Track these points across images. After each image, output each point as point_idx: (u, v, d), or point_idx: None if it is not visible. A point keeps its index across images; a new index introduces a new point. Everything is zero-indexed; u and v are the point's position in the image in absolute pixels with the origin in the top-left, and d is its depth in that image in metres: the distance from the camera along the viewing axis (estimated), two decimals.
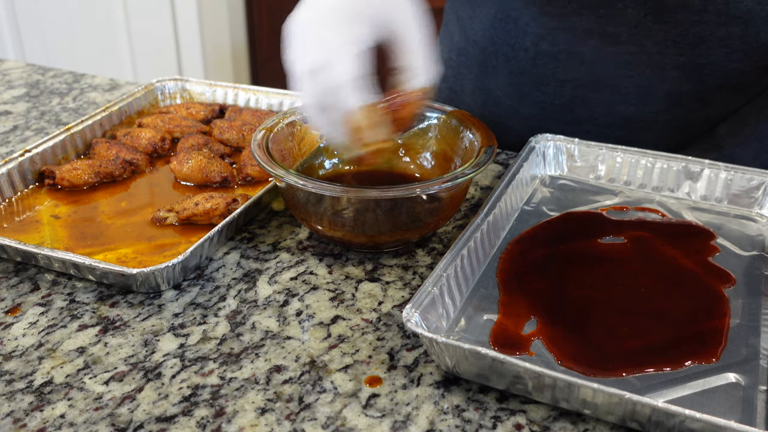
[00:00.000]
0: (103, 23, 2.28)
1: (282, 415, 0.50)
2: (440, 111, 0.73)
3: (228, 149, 0.83)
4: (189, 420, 0.50)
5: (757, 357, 0.54)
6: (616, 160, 0.75)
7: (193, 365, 0.55)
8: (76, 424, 0.50)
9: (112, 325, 0.59)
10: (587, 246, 0.66)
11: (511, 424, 0.50)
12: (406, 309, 0.53)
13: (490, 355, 0.49)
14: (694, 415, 0.45)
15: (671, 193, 0.74)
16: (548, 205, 0.72)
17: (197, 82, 0.95)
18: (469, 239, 0.62)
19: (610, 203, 0.73)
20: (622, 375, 0.52)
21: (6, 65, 1.15)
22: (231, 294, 0.62)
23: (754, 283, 0.61)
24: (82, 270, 0.62)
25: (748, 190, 0.71)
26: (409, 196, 0.61)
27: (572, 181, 0.77)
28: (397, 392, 0.52)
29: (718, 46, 0.74)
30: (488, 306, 0.59)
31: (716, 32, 0.73)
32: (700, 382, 0.52)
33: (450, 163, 0.72)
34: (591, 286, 0.61)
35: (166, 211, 0.70)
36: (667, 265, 0.63)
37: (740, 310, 0.58)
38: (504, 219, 0.68)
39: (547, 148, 0.77)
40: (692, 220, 0.70)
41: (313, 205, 0.64)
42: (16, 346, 0.57)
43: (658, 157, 0.74)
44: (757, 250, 0.66)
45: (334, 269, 0.65)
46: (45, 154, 0.78)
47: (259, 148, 0.66)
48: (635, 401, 0.46)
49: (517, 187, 0.71)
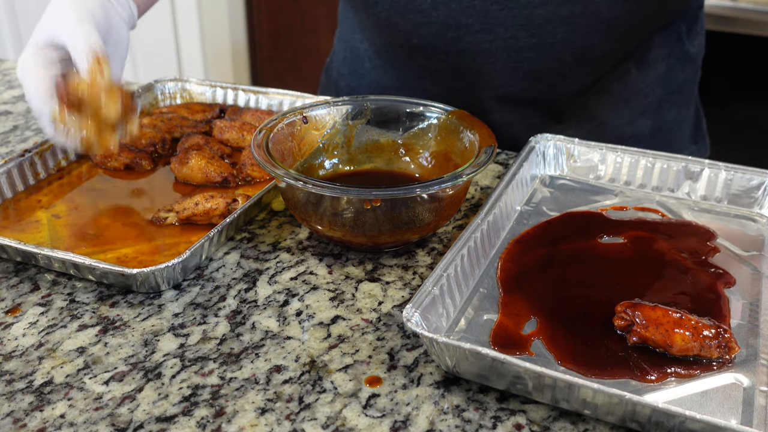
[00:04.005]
0: None
1: (282, 415, 0.50)
2: (440, 111, 0.73)
3: (228, 149, 0.83)
4: (189, 420, 0.50)
5: (757, 357, 0.54)
6: (616, 160, 0.75)
7: (193, 365, 0.55)
8: (76, 424, 0.50)
9: (112, 325, 0.59)
10: (587, 246, 0.66)
11: (511, 424, 0.50)
12: (406, 309, 0.53)
13: (491, 355, 0.49)
14: (695, 415, 0.45)
15: (671, 193, 0.74)
16: (548, 205, 0.72)
17: (197, 82, 0.95)
18: (469, 239, 0.62)
19: (610, 203, 0.73)
20: (622, 375, 0.52)
21: (6, 65, 1.16)
22: (231, 294, 0.62)
23: (754, 283, 0.61)
24: (82, 270, 0.62)
25: (748, 189, 0.71)
26: (409, 196, 0.61)
27: (572, 181, 0.77)
28: (397, 392, 0.52)
29: (563, 25, 0.79)
30: (488, 306, 0.59)
31: (558, 12, 0.78)
32: (700, 382, 0.52)
33: (450, 163, 0.72)
34: (591, 285, 0.61)
35: (166, 211, 0.70)
36: (667, 265, 0.63)
37: (740, 310, 0.58)
38: (504, 219, 0.68)
39: (547, 148, 0.77)
40: (692, 220, 0.70)
41: (313, 205, 0.64)
42: (16, 346, 0.57)
43: (658, 157, 0.74)
44: (756, 250, 0.65)
45: (334, 269, 0.65)
46: (45, 154, 0.78)
47: (259, 148, 0.66)
48: (635, 402, 0.46)
49: (517, 187, 0.71)
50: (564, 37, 0.80)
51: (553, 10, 0.78)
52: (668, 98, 0.89)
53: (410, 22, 0.83)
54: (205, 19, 2.23)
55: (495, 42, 0.81)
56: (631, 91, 0.86)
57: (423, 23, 0.82)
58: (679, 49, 0.88)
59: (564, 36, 0.80)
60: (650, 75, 0.86)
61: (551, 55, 0.81)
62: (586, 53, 0.81)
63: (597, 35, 0.80)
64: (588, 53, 0.81)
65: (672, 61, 0.87)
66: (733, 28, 1.72)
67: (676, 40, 0.87)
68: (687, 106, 0.92)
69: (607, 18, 0.78)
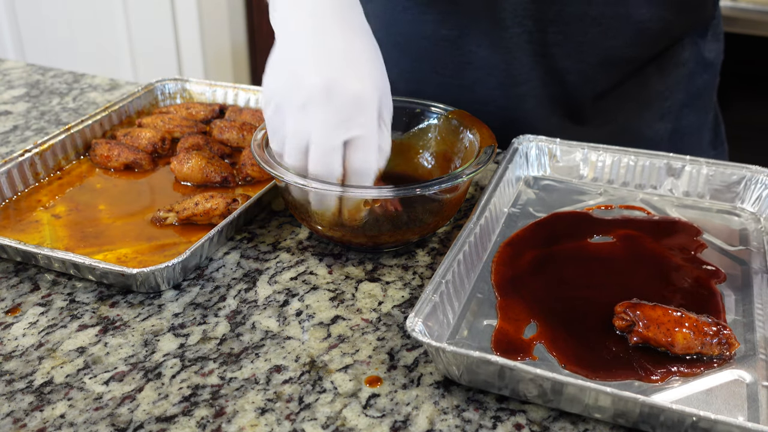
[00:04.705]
0: (103, 23, 2.28)
1: (282, 415, 0.50)
2: (440, 111, 0.73)
3: (228, 149, 0.83)
4: (189, 420, 0.50)
5: (756, 353, 0.54)
6: (599, 159, 0.76)
7: (193, 365, 0.55)
8: (76, 424, 0.50)
9: (112, 325, 0.59)
10: (577, 246, 0.66)
11: (511, 424, 0.50)
12: (409, 318, 0.52)
13: (500, 362, 0.48)
14: (709, 416, 0.45)
15: (654, 191, 0.74)
16: (535, 207, 0.72)
17: (197, 82, 0.95)
18: (464, 244, 0.61)
19: (595, 203, 0.73)
20: (627, 377, 0.52)
21: (6, 65, 1.15)
22: (231, 294, 0.62)
23: (743, 277, 0.62)
24: (82, 270, 0.62)
25: (729, 185, 0.72)
26: (409, 196, 0.61)
27: (555, 181, 0.77)
28: (397, 392, 0.52)
29: (593, 25, 0.79)
30: (486, 311, 0.58)
31: (589, 11, 0.78)
32: (704, 380, 0.52)
33: (450, 163, 0.72)
34: (586, 286, 0.61)
35: (166, 211, 0.70)
36: (659, 262, 0.63)
37: (733, 305, 0.59)
38: (494, 222, 0.68)
39: (530, 149, 0.77)
40: (677, 217, 0.70)
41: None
42: (16, 346, 0.57)
43: (640, 155, 0.75)
44: (742, 245, 0.66)
45: (334, 269, 0.65)
46: (45, 154, 0.78)
47: (259, 148, 0.66)
48: (650, 404, 0.46)
49: (504, 189, 0.72)
50: (592, 37, 0.80)
51: (584, 8, 0.78)
52: (688, 102, 0.89)
53: (441, 10, 0.82)
54: (205, 19, 2.23)
55: (522, 35, 0.80)
56: (652, 95, 0.86)
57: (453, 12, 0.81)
58: (699, 54, 0.88)
59: (592, 36, 0.79)
60: (671, 79, 0.86)
61: (576, 56, 0.81)
62: (612, 57, 0.81)
63: (624, 39, 0.80)
64: (613, 57, 0.81)
65: (692, 66, 0.87)
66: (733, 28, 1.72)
67: (696, 44, 0.87)
68: (706, 111, 0.92)
69: (637, 21, 0.79)
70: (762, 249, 0.65)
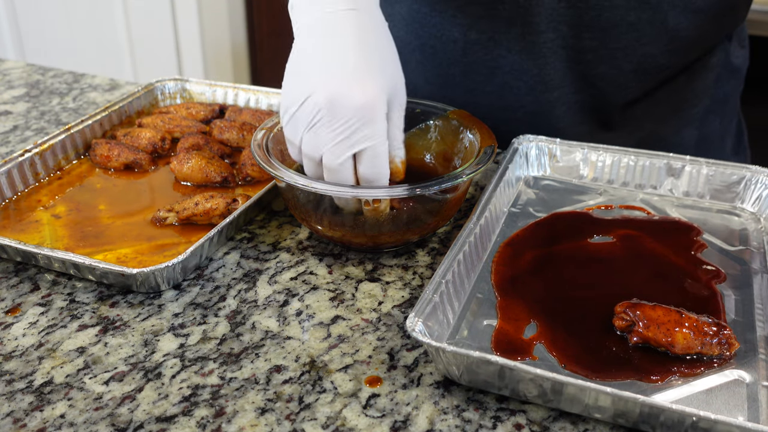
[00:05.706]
0: (103, 23, 2.29)
1: (282, 415, 0.50)
2: (440, 111, 0.73)
3: (228, 149, 0.83)
4: (189, 420, 0.50)
5: (756, 353, 0.54)
6: (599, 159, 0.76)
7: (193, 365, 0.55)
8: (76, 424, 0.50)
9: (112, 325, 0.59)
10: (578, 246, 0.66)
11: (511, 424, 0.50)
12: (409, 318, 0.52)
13: (500, 362, 0.48)
14: (709, 416, 0.45)
15: (654, 191, 0.74)
16: (535, 207, 0.72)
17: (197, 82, 0.95)
18: (464, 244, 0.61)
19: (595, 203, 0.73)
20: (627, 377, 0.52)
21: (6, 65, 1.15)
22: (231, 294, 0.62)
23: (743, 277, 0.62)
24: (82, 270, 0.62)
25: (729, 185, 0.72)
26: (408, 196, 0.61)
27: (555, 181, 0.77)
28: (397, 392, 0.52)
29: (629, 31, 0.78)
30: (486, 311, 0.58)
31: (626, 17, 0.77)
32: (704, 380, 0.52)
33: (450, 163, 0.72)
34: (586, 286, 0.61)
35: (166, 211, 0.70)
36: (659, 262, 0.63)
37: (733, 305, 0.59)
38: (494, 222, 0.68)
39: (530, 149, 0.77)
40: (678, 217, 0.70)
41: (313, 205, 0.64)
42: (16, 346, 0.57)
43: (640, 155, 0.75)
44: (742, 245, 0.66)
45: (334, 269, 0.65)
46: (45, 154, 0.78)
47: (259, 148, 0.66)
48: (650, 404, 0.46)
49: (504, 189, 0.72)
50: (627, 44, 0.78)
51: (621, 14, 0.77)
52: (714, 109, 0.88)
53: (472, 14, 0.81)
54: (205, 19, 2.23)
55: (556, 41, 0.80)
56: (681, 101, 0.86)
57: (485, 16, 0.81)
58: (727, 60, 0.87)
59: (628, 43, 0.78)
60: (699, 85, 0.86)
61: (611, 62, 0.80)
62: (646, 64, 0.80)
63: (659, 46, 0.79)
64: (648, 64, 0.80)
65: (720, 72, 0.87)
66: None
67: (724, 50, 0.86)
68: (730, 117, 0.92)
69: (673, 29, 0.78)
70: (762, 249, 0.65)
